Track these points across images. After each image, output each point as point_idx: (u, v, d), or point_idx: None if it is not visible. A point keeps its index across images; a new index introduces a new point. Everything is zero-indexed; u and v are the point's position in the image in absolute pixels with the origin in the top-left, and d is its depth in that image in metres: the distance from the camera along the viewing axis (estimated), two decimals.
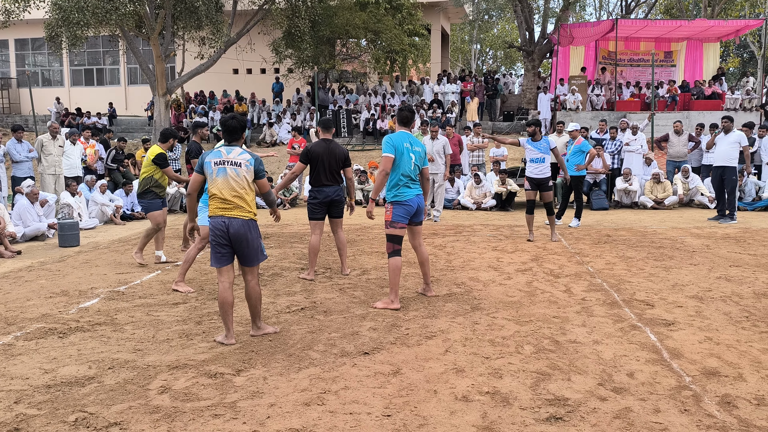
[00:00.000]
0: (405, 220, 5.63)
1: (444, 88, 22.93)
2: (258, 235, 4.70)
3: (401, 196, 5.60)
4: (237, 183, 4.60)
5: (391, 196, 5.62)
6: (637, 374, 4.06)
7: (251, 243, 4.64)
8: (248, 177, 4.63)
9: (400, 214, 5.59)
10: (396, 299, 5.57)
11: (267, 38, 22.47)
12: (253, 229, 4.64)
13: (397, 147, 5.56)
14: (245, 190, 4.62)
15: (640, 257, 7.74)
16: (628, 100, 21.14)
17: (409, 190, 5.64)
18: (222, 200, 4.60)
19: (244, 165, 4.61)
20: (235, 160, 4.61)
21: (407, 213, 5.62)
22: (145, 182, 7.35)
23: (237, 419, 3.46)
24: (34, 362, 4.36)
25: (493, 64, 48.28)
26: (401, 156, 5.56)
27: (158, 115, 20.82)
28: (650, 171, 13.23)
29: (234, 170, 4.60)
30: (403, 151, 5.57)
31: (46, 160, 11.10)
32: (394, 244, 5.61)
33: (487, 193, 13.12)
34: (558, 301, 5.79)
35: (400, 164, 5.57)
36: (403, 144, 5.60)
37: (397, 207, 5.59)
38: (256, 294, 4.80)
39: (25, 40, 29.41)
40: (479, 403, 3.63)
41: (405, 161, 5.59)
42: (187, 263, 6.43)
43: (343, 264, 7.03)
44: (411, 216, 5.67)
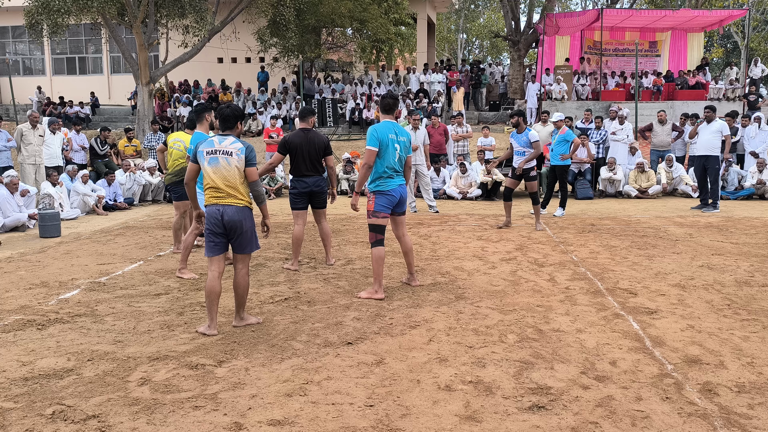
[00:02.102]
0: (387, 210, 5.59)
1: (430, 77, 22.86)
2: (252, 223, 4.69)
3: (384, 185, 5.55)
4: (229, 172, 4.58)
5: (374, 186, 5.58)
6: (619, 362, 4.07)
7: (245, 230, 4.63)
8: (240, 166, 4.60)
9: (382, 203, 5.55)
10: (380, 289, 5.54)
11: (252, 27, 22.22)
12: (247, 216, 4.63)
13: (381, 139, 5.49)
14: (237, 179, 4.60)
15: (623, 246, 7.77)
16: (613, 90, 21.19)
17: (392, 180, 5.59)
18: (215, 189, 4.60)
19: (235, 154, 4.59)
20: (227, 149, 4.59)
21: (390, 203, 5.59)
22: (180, 172, 7.09)
23: (218, 411, 3.42)
24: (11, 354, 4.29)
25: (479, 54, 48.23)
26: (386, 148, 5.50)
27: (142, 105, 20.56)
28: (634, 160, 13.28)
29: (225, 159, 4.58)
30: (387, 143, 5.50)
31: (26, 149, 10.93)
32: (376, 234, 5.57)
33: (473, 182, 13.11)
34: (542, 290, 5.79)
35: (384, 156, 5.51)
36: (388, 135, 5.53)
37: (380, 197, 5.55)
38: (244, 284, 4.76)
39: (5, 28, 28.91)
40: (462, 393, 3.62)
41: (390, 153, 5.53)
42: (186, 250, 6.44)
43: (328, 254, 7.00)
44: (394, 206, 5.64)
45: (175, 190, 7.39)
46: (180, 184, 7.28)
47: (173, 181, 7.30)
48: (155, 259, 7.35)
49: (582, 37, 23.03)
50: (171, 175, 7.29)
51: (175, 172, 7.31)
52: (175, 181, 7.33)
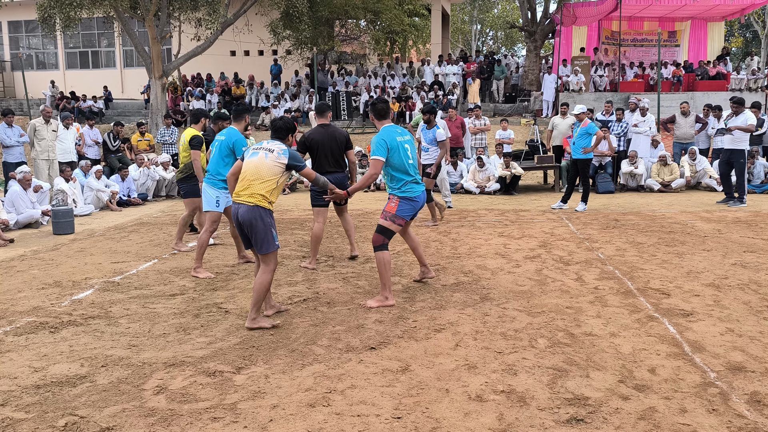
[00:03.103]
0: (409, 217, 5.33)
1: (445, 69, 22.57)
2: (266, 223, 4.57)
3: (411, 191, 5.27)
4: (260, 167, 4.61)
5: (400, 192, 5.27)
6: (659, 370, 3.85)
7: (257, 230, 4.56)
8: (275, 164, 4.60)
9: (406, 210, 5.27)
10: (390, 295, 5.22)
11: (265, 19, 22.02)
12: (258, 216, 4.54)
13: (390, 146, 5.19)
14: (265, 175, 4.58)
15: (650, 243, 7.52)
16: (632, 81, 20.81)
17: (417, 186, 5.33)
18: (242, 181, 4.62)
19: (276, 152, 4.64)
20: (271, 147, 4.69)
21: (413, 210, 5.33)
22: (186, 168, 7.09)
23: (237, 423, 3.25)
24: (23, 359, 4.15)
25: (493, 45, 47.73)
26: (396, 151, 5.21)
27: (155, 99, 20.46)
28: (657, 153, 12.96)
29: (265, 154, 4.65)
30: (397, 146, 5.22)
31: (39, 145, 10.82)
32: (384, 238, 5.23)
33: (491, 176, 12.86)
34: (570, 291, 5.57)
35: (398, 159, 5.22)
36: (395, 138, 5.24)
37: (405, 203, 5.25)
38: (260, 284, 4.61)
39: (19, 22, 28.91)
40: (494, 404, 3.42)
41: (402, 155, 5.24)
42: (201, 248, 6.30)
43: (353, 245, 6.91)
44: (416, 212, 5.40)
45: (183, 186, 7.29)
46: (186, 180, 7.17)
47: (179, 177, 7.23)
48: (170, 257, 7.20)
49: (600, 27, 22.63)
50: (178, 172, 7.27)
51: (181, 169, 7.22)
52: (180, 177, 7.24)
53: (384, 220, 5.26)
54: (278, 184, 4.64)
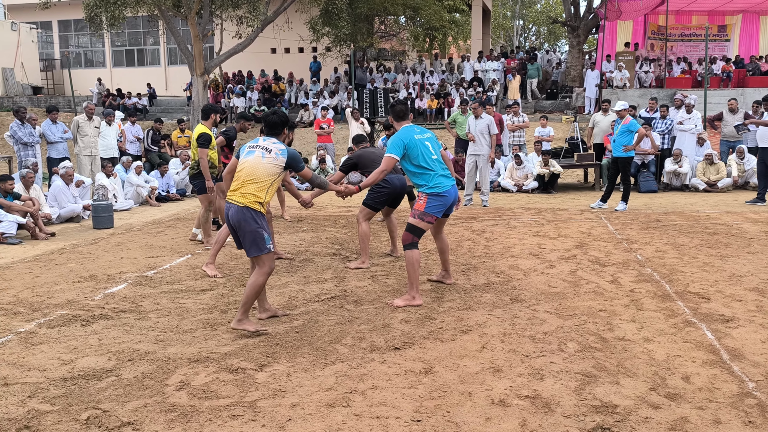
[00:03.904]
0: (440, 213, 5.19)
1: (485, 65, 22.31)
2: (254, 227, 4.35)
3: (439, 187, 5.12)
4: (256, 166, 4.44)
5: (428, 187, 5.13)
6: (693, 378, 3.69)
7: (245, 232, 4.38)
8: (272, 165, 4.43)
9: (436, 206, 5.13)
10: (418, 294, 5.10)
11: (304, 16, 22.13)
12: (246, 218, 4.35)
13: (407, 144, 5.11)
14: (259, 175, 4.41)
15: (692, 244, 7.26)
16: (679, 77, 20.18)
17: (446, 179, 5.19)
18: (235, 180, 4.48)
19: (274, 152, 4.48)
20: (268, 146, 4.51)
21: (444, 206, 5.17)
22: (197, 164, 7.19)
23: (256, 421, 3.23)
24: (54, 352, 4.22)
25: (536, 41, 47.03)
26: (416, 147, 5.11)
27: (196, 96, 20.78)
28: (703, 152, 12.53)
29: (261, 153, 4.48)
30: (416, 143, 5.13)
31: (82, 141, 11.09)
32: (414, 236, 5.12)
33: (529, 174, 12.64)
34: (604, 293, 5.41)
35: (419, 154, 5.12)
36: (413, 136, 5.15)
37: (434, 198, 5.11)
38: (250, 286, 4.42)
39: (68, 22, 29.75)
40: (518, 409, 3.32)
41: (423, 151, 5.14)
42: (218, 244, 6.23)
43: (395, 245, 6.92)
44: (446, 209, 5.25)
45: (195, 183, 7.39)
46: (198, 176, 7.26)
47: (191, 174, 7.34)
48: (203, 253, 7.27)
49: (645, 21, 22.02)
50: (190, 168, 7.39)
51: (192, 165, 7.31)
52: (192, 174, 7.34)
53: (413, 218, 5.14)
54: (273, 183, 4.47)
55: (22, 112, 10.46)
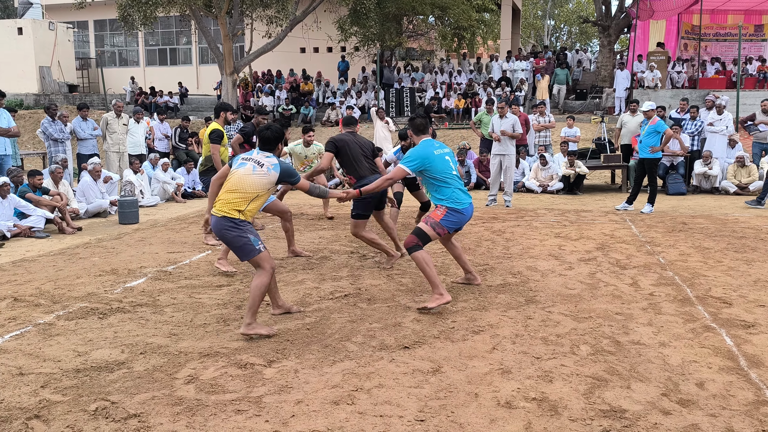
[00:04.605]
0: (453, 229, 5.09)
1: (513, 65, 22.12)
2: (235, 234, 4.34)
3: (459, 203, 5.01)
4: (244, 178, 4.40)
5: (448, 201, 5.02)
6: (707, 384, 3.60)
7: (228, 240, 4.39)
8: (261, 179, 4.40)
9: (452, 222, 5.03)
10: (443, 290, 4.91)
11: (333, 16, 22.25)
12: (225, 227, 4.35)
13: (426, 158, 4.98)
14: (246, 188, 4.37)
15: (718, 248, 7.09)
16: (712, 78, 19.73)
17: (466, 196, 5.09)
18: (222, 190, 4.47)
19: (266, 167, 4.44)
20: (261, 160, 4.48)
21: (459, 223, 5.08)
22: (207, 160, 7.32)
23: (260, 416, 3.25)
24: (69, 343, 4.31)
25: (567, 41, 46.47)
26: (433, 160, 4.99)
27: (226, 94, 21.05)
28: (734, 154, 12.24)
29: (252, 166, 4.44)
30: (435, 158, 5.00)
31: (110, 138, 11.30)
32: (419, 240, 4.96)
33: (554, 175, 12.49)
34: (622, 296, 5.31)
35: (436, 170, 5.00)
36: (432, 151, 5.03)
37: (453, 214, 5.01)
38: (254, 288, 4.37)
39: (104, 21, 30.36)
40: (524, 411, 3.28)
41: (442, 162, 5.03)
42: None
43: (397, 244, 6.69)
44: (461, 225, 5.16)
45: (205, 179, 7.46)
46: (207, 173, 7.34)
47: (201, 170, 7.41)
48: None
49: (679, 21, 21.59)
50: (200, 165, 7.46)
51: (202, 162, 7.39)
52: (202, 170, 7.41)
53: (425, 225, 5.00)
54: (259, 196, 4.42)
55: (53, 109, 10.70)
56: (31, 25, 25.30)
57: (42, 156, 13.93)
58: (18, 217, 8.33)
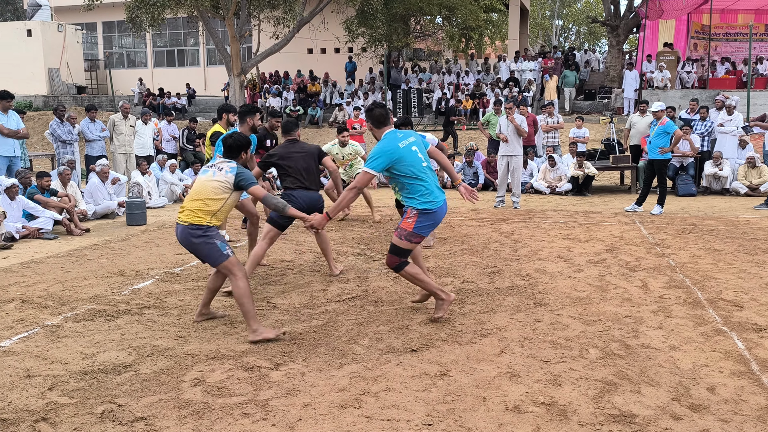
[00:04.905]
0: (428, 233, 4.65)
1: (521, 65, 22.05)
2: (203, 239, 4.31)
3: (432, 202, 4.52)
4: (204, 185, 4.36)
5: (419, 203, 4.50)
6: (719, 389, 3.56)
7: (195, 249, 4.36)
8: (221, 183, 4.34)
9: (425, 226, 4.55)
10: (444, 294, 4.64)
11: (340, 17, 22.27)
12: (190, 235, 4.33)
13: (391, 152, 4.45)
14: (206, 194, 4.33)
15: (729, 250, 7.02)
16: (723, 78, 19.60)
17: (439, 194, 4.59)
18: (186, 200, 4.44)
19: (225, 170, 4.39)
20: (221, 165, 4.44)
21: (434, 224, 4.62)
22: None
23: (267, 420, 3.23)
24: (77, 345, 4.30)
25: (575, 41, 46.31)
26: (401, 158, 4.47)
27: (233, 96, 21.08)
28: (745, 154, 12.14)
29: (213, 172, 4.40)
30: (401, 152, 4.48)
31: (117, 139, 11.33)
32: (399, 257, 4.56)
33: (563, 176, 12.43)
34: (632, 299, 5.26)
35: (403, 167, 4.48)
36: (397, 144, 4.50)
37: (425, 217, 4.51)
38: (237, 295, 4.35)
39: (112, 23, 30.49)
40: (532, 416, 3.25)
41: (411, 159, 4.51)
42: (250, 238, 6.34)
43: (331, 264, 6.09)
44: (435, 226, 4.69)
45: None
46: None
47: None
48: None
49: (688, 20, 21.45)
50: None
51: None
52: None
53: (398, 239, 4.55)
54: (222, 208, 4.35)
55: (61, 110, 10.73)
56: (40, 27, 25.42)
57: (50, 157, 13.99)
58: (26, 219, 8.36)
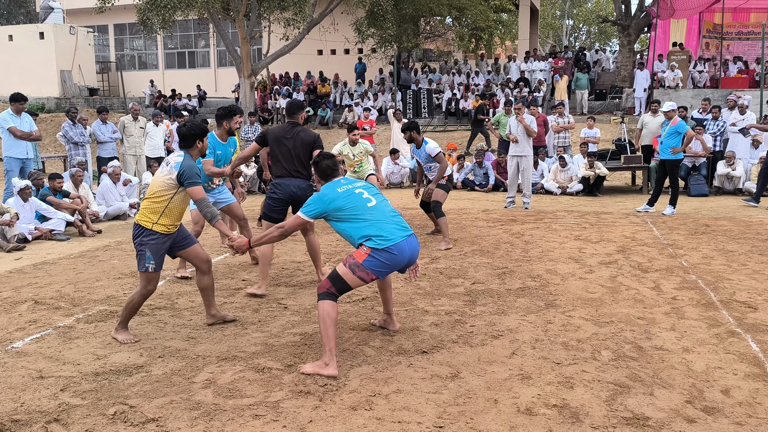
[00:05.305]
0: (383, 275, 3.96)
1: (532, 65, 21.97)
2: (140, 243, 4.28)
3: (384, 239, 3.86)
4: (156, 181, 4.26)
5: (371, 242, 3.87)
6: (733, 391, 3.52)
7: (135, 246, 4.35)
8: (166, 179, 4.22)
9: (380, 264, 3.86)
10: (331, 360, 3.76)
11: (350, 18, 22.28)
12: (137, 234, 4.31)
13: (327, 200, 3.98)
14: (157, 190, 4.23)
15: (742, 251, 6.96)
16: (735, 77, 19.43)
17: (398, 229, 3.94)
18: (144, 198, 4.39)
19: (171, 164, 4.25)
20: (169, 159, 4.32)
21: (390, 266, 3.90)
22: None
23: (278, 422, 3.23)
24: (89, 346, 4.33)
25: (586, 41, 46.11)
26: (338, 200, 3.97)
27: (243, 97, 21.15)
28: (758, 154, 12.03)
29: (162, 168, 4.30)
30: (339, 196, 3.99)
31: (127, 141, 11.40)
32: (332, 286, 3.88)
33: (573, 176, 12.37)
34: (644, 300, 5.22)
35: (347, 206, 3.97)
36: (336, 188, 4.03)
37: (379, 254, 3.84)
38: (129, 298, 4.40)
39: (123, 25, 30.67)
40: (544, 418, 3.23)
41: (351, 198, 3.99)
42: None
43: (318, 271, 5.86)
44: (395, 269, 3.98)
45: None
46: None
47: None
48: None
49: (700, 19, 21.30)
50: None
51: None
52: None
53: (343, 267, 3.90)
54: (169, 206, 4.23)
55: (73, 112, 10.80)
56: (53, 29, 25.62)
57: (63, 159, 14.09)
58: (39, 220, 8.42)
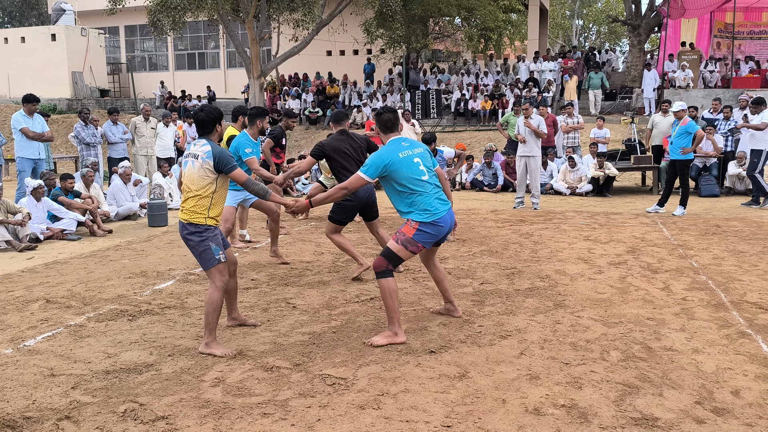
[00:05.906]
0: (429, 245, 4.36)
1: (541, 66, 21.91)
2: (198, 239, 4.11)
3: (430, 213, 4.26)
4: (189, 177, 4.13)
5: (416, 213, 4.27)
6: (743, 392, 3.50)
7: (191, 247, 4.16)
8: (204, 172, 4.08)
9: (428, 236, 4.28)
10: (400, 329, 4.31)
11: (359, 18, 22.30)
12: (191, 233, 4.13)
13: (388, 162, 4.25)
14: (194, 185, 4.10)
15: (753, 252, 6.91)
16: (746, 77, 19.29)
17: (441, 203, 4.34)
18: (183, 198, 4.25)
19: (201, 156, 4.08)
20: (196, 152, 4.13)
21: (436, 236, 4.33)
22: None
23: (286, 420, 3.24)
24: (99, 345, 4.36)
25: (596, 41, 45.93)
26: (398, 164, 4.25)
27: (253, 98, 21.22)
28: None
29: (191, 163, 4.13)
30: (399, 161, 4.26)
31: (138, 141, 11.47)
32: (389, 263, 4.27)
33: (583, 177, 12.33)
34: (654, 301, 5.20)
35: (403, 173, 4.26)
36: (398, 153, 4.28)
37: (426, 227, 4.26)
38: (206, 303, 4.16)
39: (134, 27, 30.85)
40: (552, 418, 3.22)
41: (409, 166, 4.28)
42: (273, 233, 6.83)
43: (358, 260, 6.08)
44: (438, 238, 4.39)
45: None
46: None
47: None
48: (250, 252, 7.39)
49: (711, 19, 21.17)
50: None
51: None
52: None
53: (395, 243, 4.28)
54: (214, 198, 4.12)
55: (85, 113, 10.89)
56: (64, 31, 25.81)
57: (74, 159, 14.19)
58: (50, 220, 8.49)
